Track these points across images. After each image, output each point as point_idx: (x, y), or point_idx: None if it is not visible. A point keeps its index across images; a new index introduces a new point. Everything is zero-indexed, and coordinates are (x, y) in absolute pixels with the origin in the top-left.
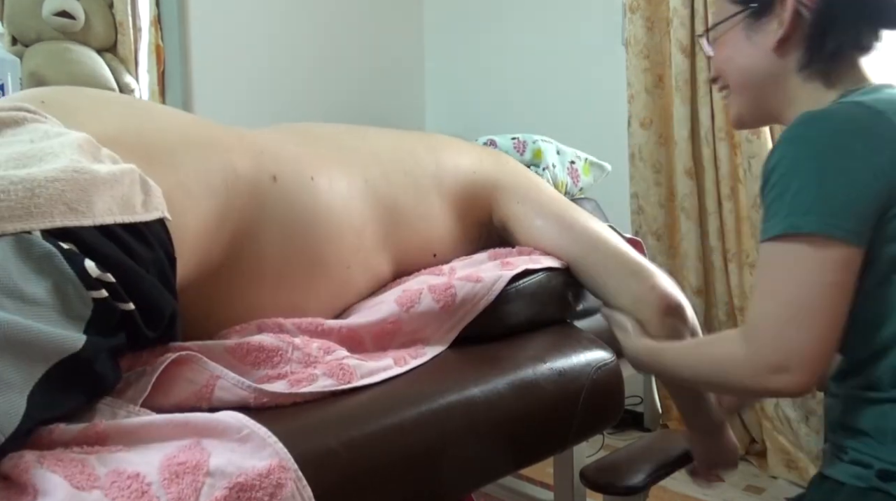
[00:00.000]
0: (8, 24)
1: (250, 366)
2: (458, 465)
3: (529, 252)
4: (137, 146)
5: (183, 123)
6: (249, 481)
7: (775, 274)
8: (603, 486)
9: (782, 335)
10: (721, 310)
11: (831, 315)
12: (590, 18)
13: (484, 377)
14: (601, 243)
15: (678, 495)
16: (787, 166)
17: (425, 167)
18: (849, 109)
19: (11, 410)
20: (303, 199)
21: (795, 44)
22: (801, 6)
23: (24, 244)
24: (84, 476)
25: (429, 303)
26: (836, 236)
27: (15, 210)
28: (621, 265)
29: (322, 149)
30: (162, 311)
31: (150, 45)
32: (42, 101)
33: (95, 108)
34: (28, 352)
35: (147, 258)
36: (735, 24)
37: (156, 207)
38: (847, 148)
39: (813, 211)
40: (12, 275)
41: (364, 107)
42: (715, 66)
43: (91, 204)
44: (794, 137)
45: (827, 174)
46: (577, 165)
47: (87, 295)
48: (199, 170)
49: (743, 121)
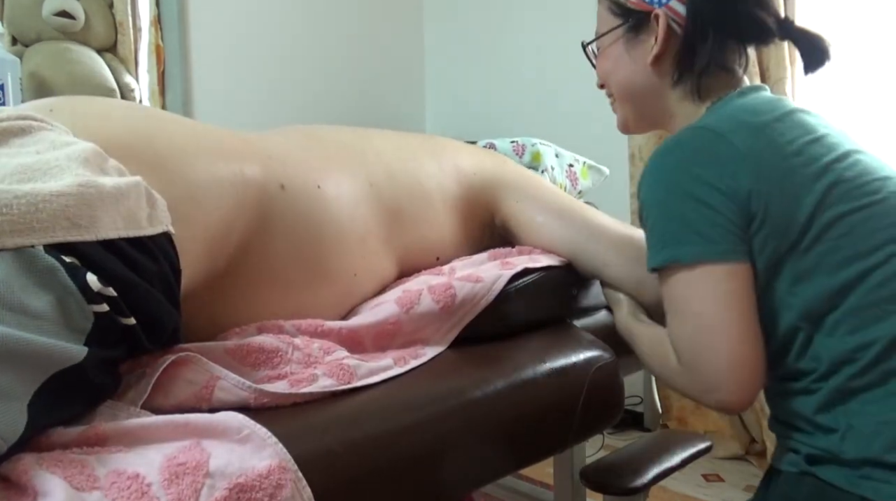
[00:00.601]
0: (8, 24)
1: (250, 367)
2: (458, 465)
3: (529, 251)
4: (147, 155)
5: (192, 131)
6: (249, 482)
7: (675, 304)
8: (603, 486)
9: (700, 360)
10: None
11: (738, 326)
12: (590, 18)
13: (484, 377)
14: (602, 232)
15: (678, 495)
16: (652, 198)
17: (428, 170)
18: (693, 135)
19: (14, 420)
20: (310, 209)
21: (669, 60)
22: (673, 23)
23: (27, 258)
24: (84, 476)
25: (429, 304)
26: (713, 259)
27: (17, 224)
28: (623, 252)
29: (327, 154)
30: (164, 325)
31: (150, 45)
32: (51, 110)
33: (104, 116)
34: (28, 364)
35: (152, 271)
36: (616, 38)
37: (160, 221)
38: (698, 176)
39: (684, 241)
40: (14, 290)
41: (364, 108)
42: (599, 75)
43: (95, 219)
44: (653, 169)
45: (686, 203)
46: (576, 168)
47: (88, 309)
48: (209, 180)
49: (628, 128)
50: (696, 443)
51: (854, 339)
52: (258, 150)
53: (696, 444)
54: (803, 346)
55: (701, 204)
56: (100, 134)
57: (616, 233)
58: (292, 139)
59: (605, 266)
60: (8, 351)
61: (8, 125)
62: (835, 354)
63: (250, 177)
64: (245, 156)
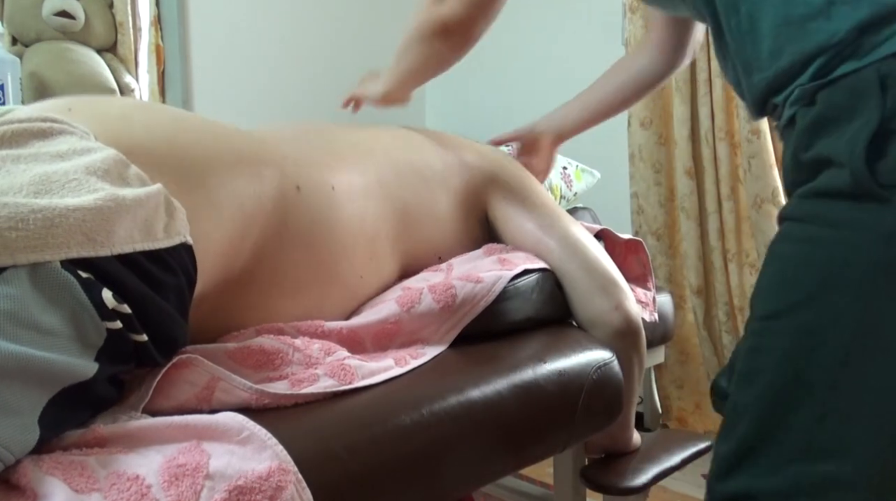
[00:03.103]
0: (8, 24)
1: (252, 369)
2: (458, 465)
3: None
4: (168, 158)
5: (211, 132)
6: (249, 484)
7: None
8: (603, 486)
9: None
10: (721, 310)
11: None
12: (590, 18)
13: (484, 377)
14: (579, 254)
15: (678, 495)
16: None
17: (433, 165)
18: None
19: (26, 435)
20: (324, 211)
21: None
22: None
23: (43, 274)
24: (83, 478)
25: (429, 304)
26: None
27: (31, 240)
28: (593, 279)
29: (340, 152)
30: (176, 341)
31: (150, 45)
32: (69, 109)
33: (124, 116)
34: (39, 380)
35: (168, 284)
36: None
37: (178, 231)
38: None
39: None
40: (28, 306)
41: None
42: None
43: (111, 233)
44: None
45: None
46: (570, 171)
47: (101, 326)
48: (230, 186)
49: None
50: (696, 443)
51: None
52: (274, 152)
53: (696, 444)
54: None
55: None
56: (121, 137)
57: (592, 257)
58: (305, 137)
59: (571, 287)
60: (20, 369)
61: (28, 126)
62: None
63: (267, 180)
64: (262, 159)
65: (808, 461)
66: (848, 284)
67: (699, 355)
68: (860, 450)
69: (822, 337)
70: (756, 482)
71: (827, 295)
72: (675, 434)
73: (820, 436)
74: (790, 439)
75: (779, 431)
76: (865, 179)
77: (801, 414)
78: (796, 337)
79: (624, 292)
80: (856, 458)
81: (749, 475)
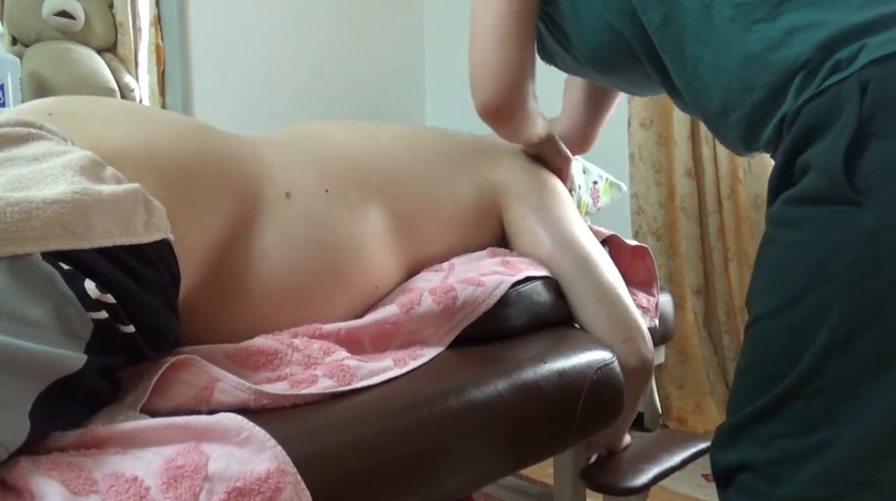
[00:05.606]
0: (8, 24)
1: (250, 370)
2: (458, 466)
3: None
4: (147, 159)
5: (194, 134)
6: (248, 485)
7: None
8: (603, 486)
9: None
10: (721, 310)
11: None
12: None
13: (484, 378)
14: (592, 272)
15: (678, 495)
16: None
17: (440, 175)
18: None
19: (16, 428)
20: (320, 216)
21: None
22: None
23: (24, 266)
24: (81, 480)
25: (429, 305)
26: None
27: (9, 232)
28: (611, 324)
29: (334, 155)
30: (163, 333)
31: (150, 45)
32: (49, 114)
33: (105, 119)
34: (28, 372)
35: (150, 279)
36: None
37: (158, 228)
38: None
39: None
40: (11, 298)
41: (365, 108)
42: None
43: (90, 226)
44: None
45: None
46: (599, 185)
47: (87, 317)
48: (210, 187)
49: None
50: (696, 443)
51: None
52: (261, 159)
53: (696, 444)
54: None
55: None
56: (100, 140)
57: (606, 280)
58: (299, 143)
59: (580, 305)
60: (8, 360)
61: (6, 131)
62: None
63: (252, 184)
64: (247, 163)
65: (798, 436)
66: (835, 279)
67: (699, 355)
68: (846, 427)
69: (815, 326)
70: (750, 455)
71: (816, 290)
72: (675, 434)
73: (809, 414)
74: (783, 416)
75: (773, 409)
76: (840, 184)
77: (793, 395)
78: (792, 330)
79: (640, 332)
80: (840, 431)
81: (744, 450)
